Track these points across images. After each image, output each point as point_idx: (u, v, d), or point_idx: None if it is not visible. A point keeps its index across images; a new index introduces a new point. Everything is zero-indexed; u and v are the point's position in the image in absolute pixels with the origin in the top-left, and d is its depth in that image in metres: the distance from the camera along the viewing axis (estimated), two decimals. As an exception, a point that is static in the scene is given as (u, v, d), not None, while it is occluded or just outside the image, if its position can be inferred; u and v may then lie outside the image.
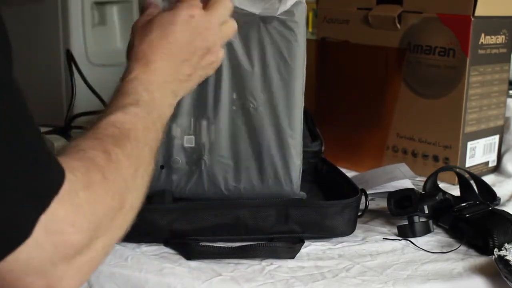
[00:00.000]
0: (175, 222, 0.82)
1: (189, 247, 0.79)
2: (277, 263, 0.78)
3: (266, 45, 0.84)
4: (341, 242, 0.85)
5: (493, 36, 1.11)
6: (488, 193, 0.97)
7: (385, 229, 0.91)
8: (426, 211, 0.87)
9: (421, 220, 0.88)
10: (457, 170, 1.02)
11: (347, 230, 0.86)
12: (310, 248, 0.83)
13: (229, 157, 0.86)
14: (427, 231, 0.88)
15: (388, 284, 0.74)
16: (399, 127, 1.17)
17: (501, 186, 1.11)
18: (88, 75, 1.35)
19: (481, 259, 0.81)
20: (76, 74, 1.33)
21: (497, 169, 1.20)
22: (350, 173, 1.08)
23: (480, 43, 1.09)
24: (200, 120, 0.86)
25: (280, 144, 0.85)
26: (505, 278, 0.73)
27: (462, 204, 0.89)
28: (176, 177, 0.87)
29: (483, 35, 1.09)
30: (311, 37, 1.63)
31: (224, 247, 0.80)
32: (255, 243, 0.80)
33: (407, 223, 0.88)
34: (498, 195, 0.98)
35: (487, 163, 1.17)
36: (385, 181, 1.05)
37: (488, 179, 1.11)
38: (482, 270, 0.78)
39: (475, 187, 0.98)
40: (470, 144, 1.12)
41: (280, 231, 0.83)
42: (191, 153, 0.87)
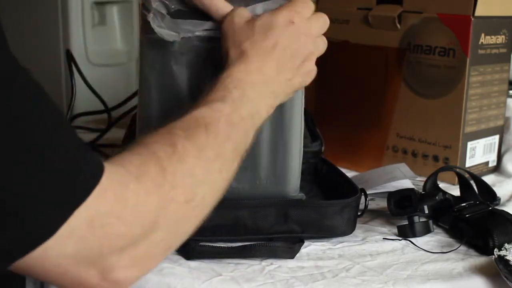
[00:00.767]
0: (175, 222, 0.82)
1: (189, 247, 0.79)
2: (277, 263, 0.78)
3: (266, 45, 0.84)
4: (341, 242, 0.85)
5: (493, 36, 1.11)
6: (488, 193, 0.97)
7: (385, 229, 0.91)
8: (426, 211, 0.87)
9: (421, 220, 0.88)
10: (457, 170, 1.02)
11: (347, 230, 0.86)
12: (310, 248, 0.83)
13: (229, 157, 0.86)
14: (427, 231, 0.88)
15: (388, 284, 0.74)
16: (399, 127, 1.17)
17: (501, 186, 1.10)
18: (88, 75, 1.35)
19: (481, 259, 0.80)
20: (76, 74, 1.33)
21: (497, 169, 1.20)
22: (350, 173, 1.08)
23: (480, 43, 1.09)
24: (200, 120, 0.86)
25: (279, 144, 0.85)
26: (505, 278, 0.73)
27: (462, 204, 0.89)
28: (176, 177, 0.87)
29: (483, 35, 1.09)
30: (311, 37, 1.63)
31: (224, 247, 0.80)
32: (255, 243, 0.80)
33: (407, 223, 0.88)
34: (498, 195, 0.98)
35: (487, 163, 1.17)
36: (385, 181, 1.05)
37: (488, 179, 1.11)
38: (482, 270, 0.77)
39: (475, 187, 0.97)
40: (470, 144, 1.12)
41: (279, 231, 0.83)
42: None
